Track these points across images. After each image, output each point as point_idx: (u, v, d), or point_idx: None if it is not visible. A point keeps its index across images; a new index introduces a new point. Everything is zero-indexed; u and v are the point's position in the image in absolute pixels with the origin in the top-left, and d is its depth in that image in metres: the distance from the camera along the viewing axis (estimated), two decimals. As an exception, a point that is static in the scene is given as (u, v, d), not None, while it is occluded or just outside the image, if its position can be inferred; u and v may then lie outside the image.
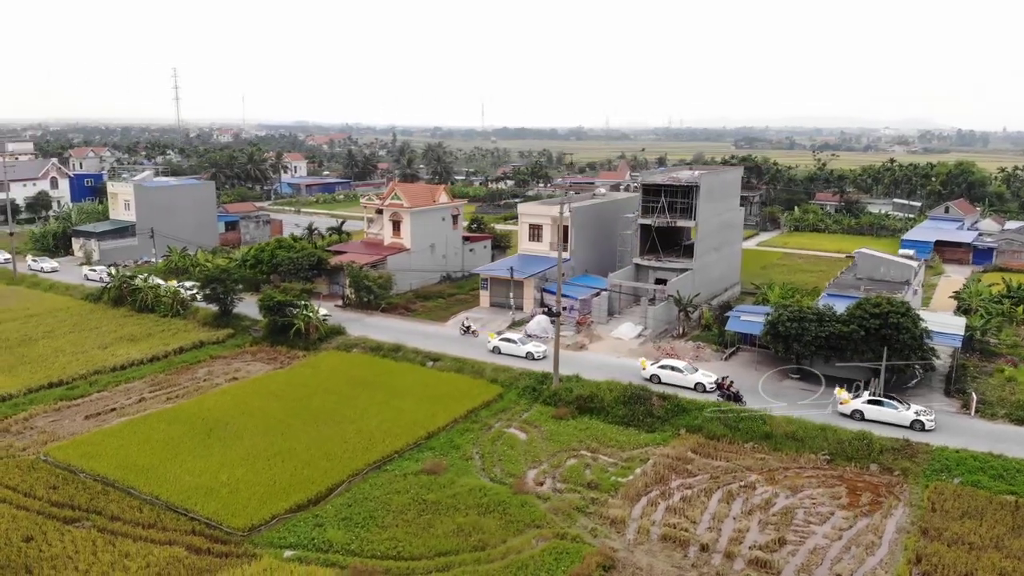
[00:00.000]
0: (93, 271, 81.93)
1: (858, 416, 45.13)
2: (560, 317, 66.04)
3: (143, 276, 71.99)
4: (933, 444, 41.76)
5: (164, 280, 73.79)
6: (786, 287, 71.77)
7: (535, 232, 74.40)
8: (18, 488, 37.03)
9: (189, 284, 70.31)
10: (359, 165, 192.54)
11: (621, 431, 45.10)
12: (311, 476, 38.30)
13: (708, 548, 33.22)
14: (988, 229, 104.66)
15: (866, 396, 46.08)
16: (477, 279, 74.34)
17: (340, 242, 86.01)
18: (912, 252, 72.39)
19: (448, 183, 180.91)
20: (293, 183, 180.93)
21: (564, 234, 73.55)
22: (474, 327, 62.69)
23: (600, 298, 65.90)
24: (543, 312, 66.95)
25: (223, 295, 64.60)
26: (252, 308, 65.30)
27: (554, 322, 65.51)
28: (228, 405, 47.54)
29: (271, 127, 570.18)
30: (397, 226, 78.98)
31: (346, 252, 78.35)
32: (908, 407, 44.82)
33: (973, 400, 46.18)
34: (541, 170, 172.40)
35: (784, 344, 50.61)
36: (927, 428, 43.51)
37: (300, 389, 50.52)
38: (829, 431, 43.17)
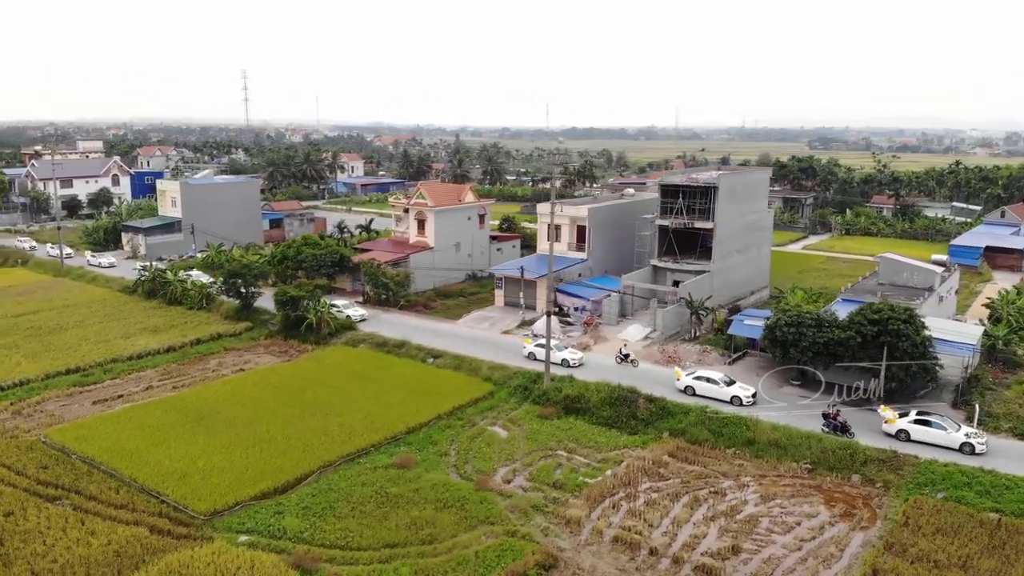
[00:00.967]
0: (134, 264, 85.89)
1: (903, 437, 41.67)
2: (568, 317, 66.34)
3: (174, 270, 74.92)
4: (922, 457, 40.07)
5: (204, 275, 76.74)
6: (810, 291, 69.89)
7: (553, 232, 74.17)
8: (12, 466, 39.24)
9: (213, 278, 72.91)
10: (414, 165, 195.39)
11: (603, 432, 44.82)
12: (283, 465, 39.39)
13: (657, 552, 32.78)
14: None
15: (913, 415, 42.25)
16: (501, 279, 74.61)
17: (369, 240, 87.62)
18: (945, 258, 69.19)
19: (497, 183, 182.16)
20: (349, 183, 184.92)
21: (582, 234, 73.50)
22: (632, 356, 54.64)
23: (611, 299, 65.41)
24: (556, 312, 66.98)
25: (243, 289, 66.72)
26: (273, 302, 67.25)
27: (568, 322, 65.96)
28: (225, 395, 49.23)
29: (345, 128, 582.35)
30: (422, 225, 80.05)
31: (371, 250, 79.85)
32: (958, 428, 41.16)
33: (976, 412, 44.06)
34: (589, 170, 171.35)
35: (782, 349, 49.31)
36: (977, 452, 39.93)
37: (299, 381, 51.87)
38: (814, 439, 41.91)
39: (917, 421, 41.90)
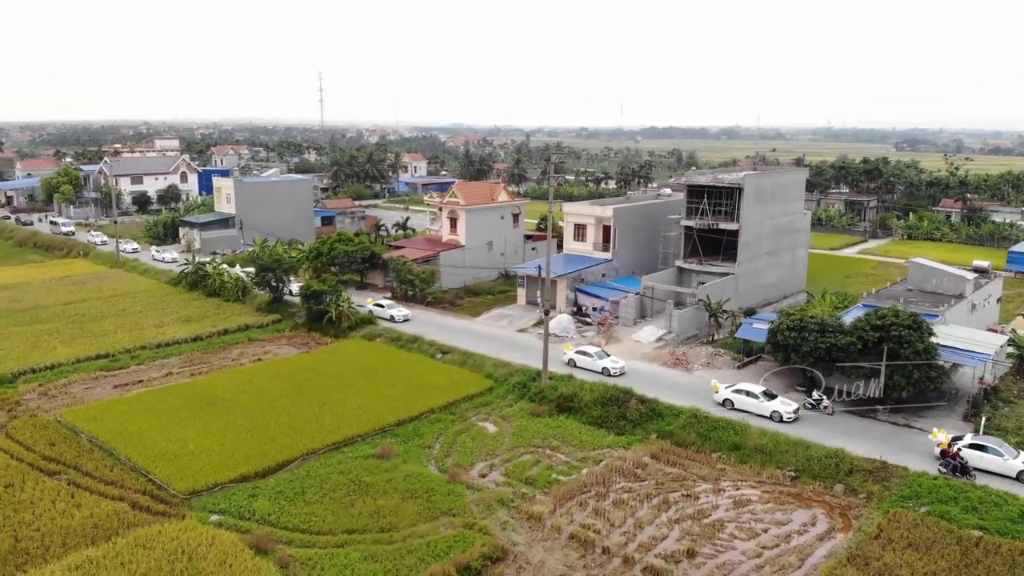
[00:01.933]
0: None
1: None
2: (587, 317, 66.13)
3: (214, 263, 78.23)
4: (911, 468, 38.51)
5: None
6: (840, 296, 67.71)
7: (579, 232, 74.30)
8: (24, 442, 41.96)
9: (246, 271, 75.72)
10: (475, 165, 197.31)
11: (591, 431, 44.75)
12: (268, 451, 40.89)
13: (609, 551, 32.68)
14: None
15: (968, 438, 39.18)
16: (532, 278, 74.98)
17: (405, 238, 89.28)
18: (987, 264, 65.77)
19: (557, 183, 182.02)
20: (411, 182, 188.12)
21: (607, 234, 73.18)
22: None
23: (629, 300, 64.89)
24: (572, 312, 67.05)
25: (274, 283, 69.18)
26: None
27: (586, 322, 65.80)
28: (235, 382, 51.26)
29: (424, 129, 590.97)
30: (454, 223, 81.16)
31: (404, 247, 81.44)
32: (1017, 454, 38.09)
33: (981, 424, 42.01)
34: (645, 170, 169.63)
35: (784, 354, 48.12)
36: None
37: (307, 372, 53.53)
38: (801, 447, 40.83)
39: (972, 446, 38.59)
